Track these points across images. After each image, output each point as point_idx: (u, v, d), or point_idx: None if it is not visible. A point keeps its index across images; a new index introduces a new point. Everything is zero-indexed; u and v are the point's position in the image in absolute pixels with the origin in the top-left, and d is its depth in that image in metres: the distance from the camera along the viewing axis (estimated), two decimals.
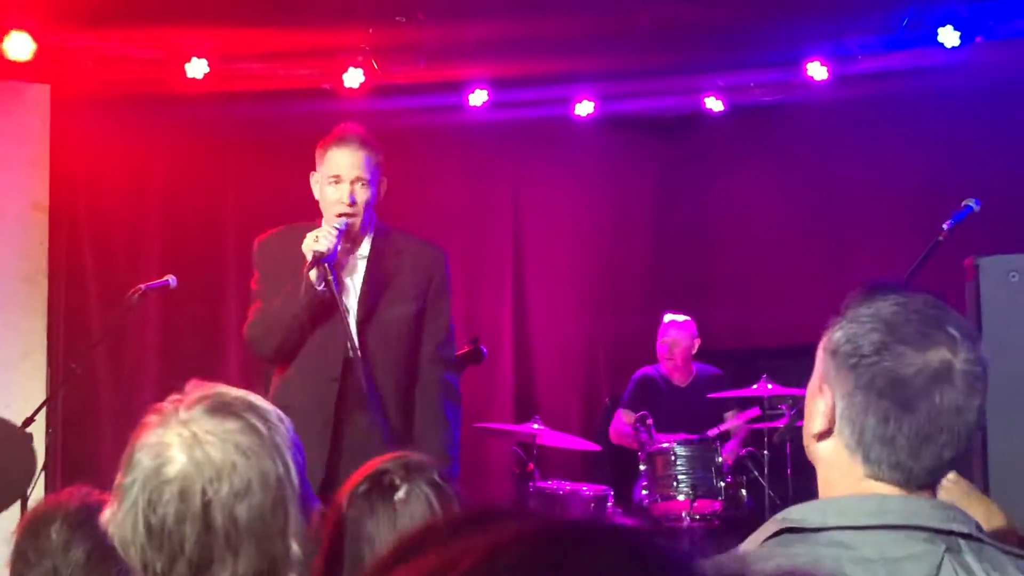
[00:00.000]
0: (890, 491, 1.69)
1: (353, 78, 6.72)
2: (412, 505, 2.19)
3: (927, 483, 1.69)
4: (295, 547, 1.75)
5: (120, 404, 6.51)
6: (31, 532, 2.38)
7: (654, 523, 6.21)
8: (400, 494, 2.20)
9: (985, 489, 3.23)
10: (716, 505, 6.13)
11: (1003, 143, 6.16)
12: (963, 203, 4.41)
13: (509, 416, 7.29)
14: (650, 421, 6.54)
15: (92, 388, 6.52)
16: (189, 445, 1.71)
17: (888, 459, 1.67)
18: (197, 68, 6.47)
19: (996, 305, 3.26)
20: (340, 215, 4.18)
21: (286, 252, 4.17)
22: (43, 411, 5.35)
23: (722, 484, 6.15)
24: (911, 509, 1.65)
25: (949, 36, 6.53)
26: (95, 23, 6.11)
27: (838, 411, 1.72)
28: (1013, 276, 3.24)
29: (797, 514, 1.69)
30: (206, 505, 1.69)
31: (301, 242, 4.11)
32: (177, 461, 1.70)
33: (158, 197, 6.88)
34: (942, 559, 1.62)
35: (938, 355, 1.65)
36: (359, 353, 4.10)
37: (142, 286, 5.12)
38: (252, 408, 1.78)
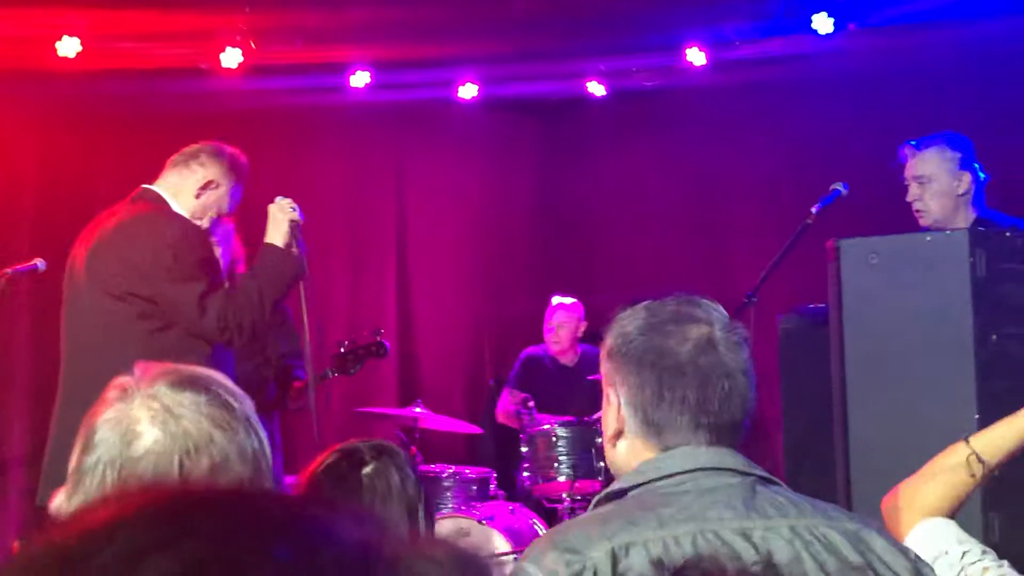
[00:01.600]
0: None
1: (231, 58, 6.63)
2: (377, 481, 2.28)
3: (717, 443, 1.83)
4: None
5: None
6: None
7: (534, 504, 6.26)
8: (368, 469, 2.29)
9: (846, 469, 3.30)
10: (596, 485, 6.19)
11: (873, 128, 6.30)
12: (831, 187, 4.51)
13: (392, 400, 7.27)
14: (532, 403, 6.58)
15: None
16: (162, 419, 1.58)
17: (672, 425, 1.81)
18: (69, 47, 6.32)
19: (856, 286, 3.34)
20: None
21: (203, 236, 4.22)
22: None
23: (602, 464, 6.21)
24: (716, 456, 1.80)
25: (823, 23, 6.65)
26: None
27: (622, 403, 1.86)
28: (873, 258, 3.31)
29: (616, 484, 1.84)
30: (184, 480, 1.55)
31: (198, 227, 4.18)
32: (149, 435, 1.57)
33: (28, 178, 6.71)
34: (754, 485, 1.78)
35: (698, 330, 1.84)
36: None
37: (8, 270, 5.00)
38: (220, 383, 1.68)
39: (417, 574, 0.62)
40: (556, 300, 7.04)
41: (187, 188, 4.22)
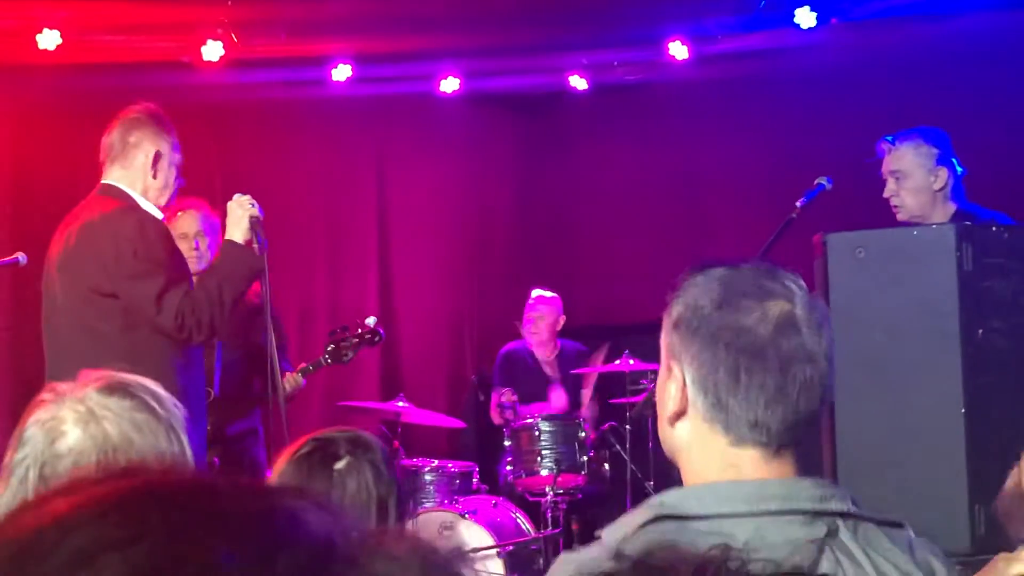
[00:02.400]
0: (756, 459, 1.65)
1: (212, 51, 6.59)
2: (349, 478, 2.24)
3: (787, 441, 1.65)
4: None
5: None
6: None
7: (517, 498, 6.26)
8: (340, 464, 2.26)
9: (833, 464, 3.31)
10: (579, 479, 6.21)
11: (855, 122, 6.31)
12: (816, 181, 4.51)
13: (374, 394, 7.26)
14: (515, 397, 6.58)
15: None
16: (85, 420, 1.67)
17: (746, 416, 1.63)
18: (49, 39, 6.27)
19: (843, 281, 3.34)
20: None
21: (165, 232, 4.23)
22: None
23: (585, 459, 6.23)
24: (789, 493, 1.61)
25: (805, 17, 6.66)
26: None
27: (688, 380, 1.67)
28: (859, 252, 3.32)
29: (673, 500, 1.63)
30: (139, 465, 1.61)
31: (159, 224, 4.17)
32: (71, 435, 1.67)
33: (7, 171, 6.66)
34: (823, 547, 1.59)
35: (778, 306, 1.65)
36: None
37: None
38: (148, 390, 1.75)
39: (378, 574, 0.60)
40: (536, 293, 7.04)
41: (139, 173, 4.19)
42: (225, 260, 4.22)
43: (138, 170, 4.19)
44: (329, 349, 5.38)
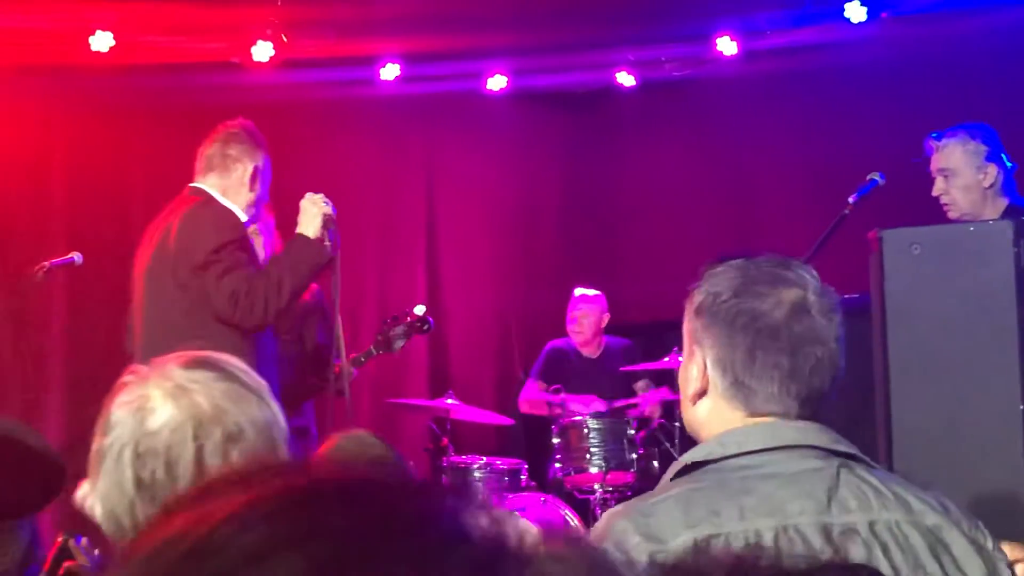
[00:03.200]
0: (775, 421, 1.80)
1: (262, 51, 6.64)
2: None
3: (804, 414, 1.80)
4: None
5: (26, 384, 6.39)
6: None
7: (566, 496, 6.26)
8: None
9: (889, 460, 3.29)
10: (629, 477, 6.19)
11: (906, 117, 6.26)
12: (868, 177, 4.49)
13: (423, 391, 7.28)
14: (564, 395, 6.58)
15: None
16: (174, 395, 1.64)
17: (763, 391, 1.78)
18: (102, 41, 6.34)
19: (899, 277, 3.32)
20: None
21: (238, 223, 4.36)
22: None
23: (634, 456, 6.21)
24: (801, 432, 1.77)
25: (856, 11, 6.62)
26: None
27: (708, 362, 1.82)
28: (915, 248, 3.30)
29: (696, 452, 1.79)
30: (199, 450, 1.61)
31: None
32: (163, 411, 1.63)
33: (62, 172, 6.74)
34: (838, 470, 1.74)
35: (791, 292, 1.80)
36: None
37: (46, 263, 5.03)
38: (228, 362, 1.73)
39: (547, 573, 0.60)
40: (579, 292, 7.04)
41: (236, 186, 4.38)
42: (291, 251, 4.33)
43: (235, 182, 4.38)
44: (379, 338, 5.41)
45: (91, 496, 1.65)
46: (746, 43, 7.05)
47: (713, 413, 1.83)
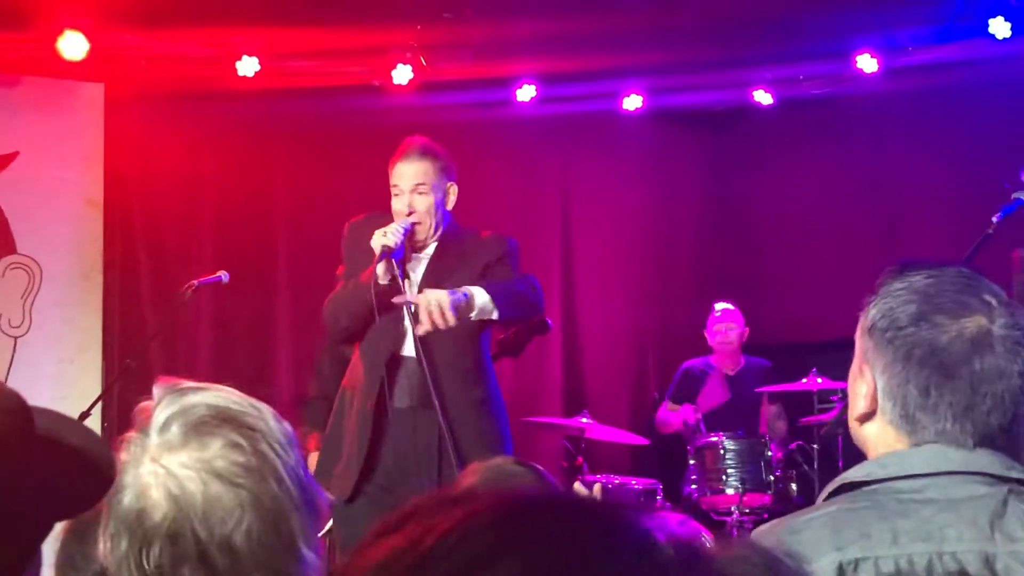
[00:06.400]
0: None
1: (402, 74, 6.76)
2: None
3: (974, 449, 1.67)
4: (308, 554, 1.62)
5: None
6: (77, 536, 2.35)
7: (701, 517, 6.22)
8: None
9: None
10: (765, 499, 6.13)
11: None
12: (1012, 196, 4.38)
13: (558, 410, 7.30)
14: (700, 415, 6.55)
15: (146, 383, 6.51)
16: (166, 485, 1.56)
17: (934, 427, 1.66)
18: (248, 66, 6.54)
19: None
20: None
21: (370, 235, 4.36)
22: (99, 405, 5.44)
23: (772, 478, 6.15)
24: (970, 459, 1.65)
25: (1000, 27, 6.47)
26: (147, 22, 6.19)
27: (879, 388, 1.71)
28: None
29: (856, 472, 1.70)
30: (200, 545, 1.56)
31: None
32: (160, 506, 1.57)
33: (210, 193, 6.96)
34: (1007, 497, 1.62)
35: (975, 322, 1.65)
36: (418, 345, 4.24)
37: (195, 282, 5.19)
38: (227, 419, 1.60)
39: (735, 574, 0.66)
40: (720, 306, 7.00)
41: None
42: (355, 281, 4.35)
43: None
44: (499, 346, 5.45)
45: (108, 562, 1.63)
46: (887, 60, 6.93)
47: (880, 436, 1.73)
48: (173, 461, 1.57)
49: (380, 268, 4.19)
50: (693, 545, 0.66)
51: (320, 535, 1.74)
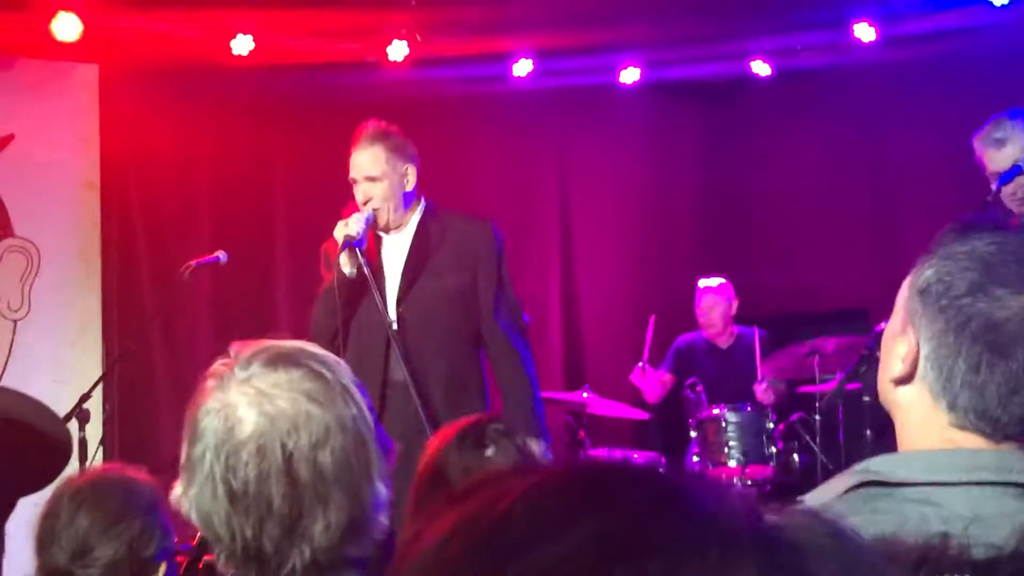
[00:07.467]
0: (977, 443, 1.59)
1: (397, 51, 6.74)
2: (499, 462, 2.37)
3: (1014, 434, 1.59)
4: (382, 488, 1.69)
5: (175, 379, 6.60)
6: (45, 516, 2.42)
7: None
8: (489, 451, 2.40)
9: None
10: (768, 471, 6.13)
11: None
12: (1011, 162, 4.37)
13: (559, 384, 7.30)
14: (700, 388, 6.54)
15: (147, 364, 6.61)
16: (257, 402, 1.63)
17: (976, 407, 1.57)
18: (242, 44, 6.51)
19: None
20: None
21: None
22: (99, 387, 5.44)
23: (773, 450, 6.15)
24: (1004, 464, 1.55)
25: None
26: (141, 3, 6.18)
27: (923, 354, 1.61)
28: None
29: (881, 466, 1.58)
30: (288, 459, 1.61)
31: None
32: (248, 420, 1.62)
33: (206, 173, 6.95)
34: None
35: None
36: (395, 330, 4.32)
37: (193, 262, 5.17)
38: (310, 355, 1.71)
39: (802, 541, 0.66)
40: (703, 283, 6.96)
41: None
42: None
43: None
44: None
45: (185, 501, 1.68)
46: (885, 29, 6.90)
47: (916, 403, 1.64)
48: (263, 382, 1.66)
49: (343, 258, 4.26)
50: (758, 512, 0.67)
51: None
